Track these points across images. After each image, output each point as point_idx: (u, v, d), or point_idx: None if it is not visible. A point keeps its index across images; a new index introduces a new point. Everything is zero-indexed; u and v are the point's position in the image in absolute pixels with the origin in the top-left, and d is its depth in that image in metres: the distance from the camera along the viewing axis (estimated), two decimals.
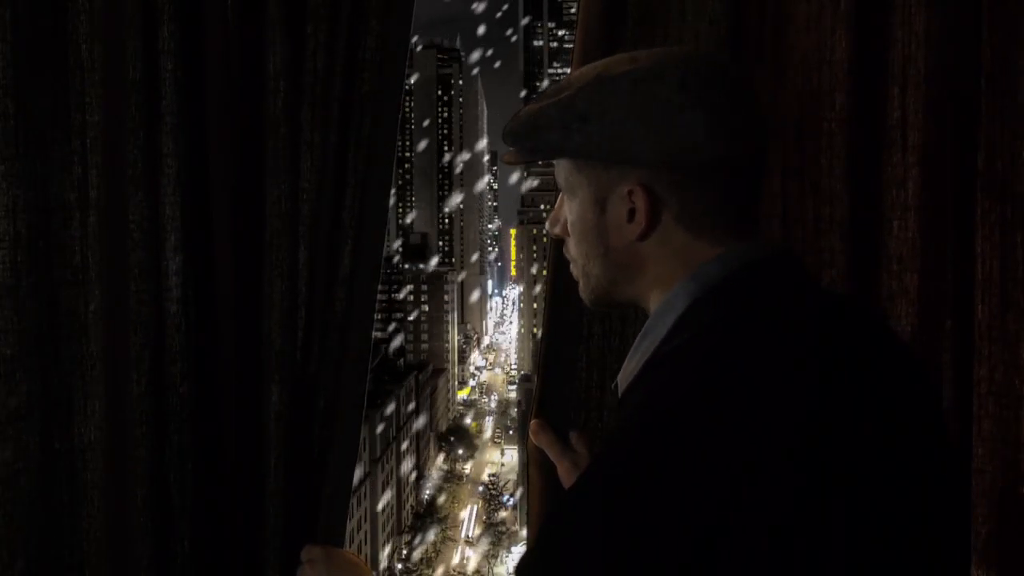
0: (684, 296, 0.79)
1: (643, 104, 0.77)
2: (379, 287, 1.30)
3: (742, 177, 0.80)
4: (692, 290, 0.79)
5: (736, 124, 0.78)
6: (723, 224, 0.80)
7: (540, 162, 0.91)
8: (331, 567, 1.16)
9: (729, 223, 0.80)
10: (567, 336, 1.31)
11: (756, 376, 0.70)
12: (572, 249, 0.89)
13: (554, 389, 1.30)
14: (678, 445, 0.67)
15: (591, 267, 0.87)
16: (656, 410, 0.71)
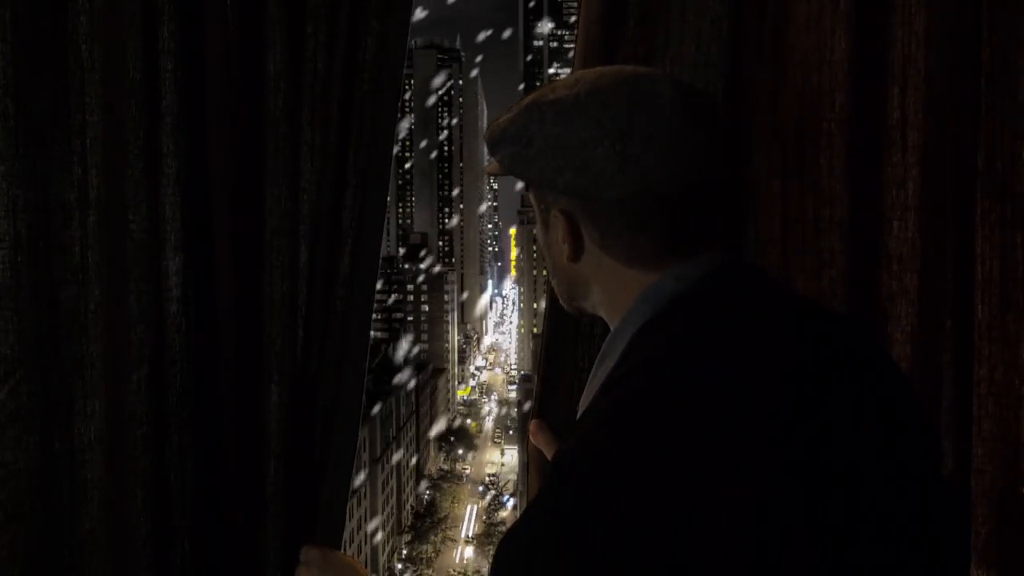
0: (634, 320, 0.79)
1: (559, 136, 0.78)
2: (378, 287, 1.30)
3: (674, 208, 0.78)
4: (642, 312, 0.79)
5: (659, 161, 0.75)
6: (658, 250, 0.79)
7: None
8: (327, 569, 1.16)
9: (668, 248, 0.79)
10: (567, 336, 1.31)
11: (714, 386, 0.69)
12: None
13: (554, 390, 1.30)
14: (654, 456, 0.66)
15: (551, 279, 0.90)
16: (622, 425, 0.69)
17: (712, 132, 0.78)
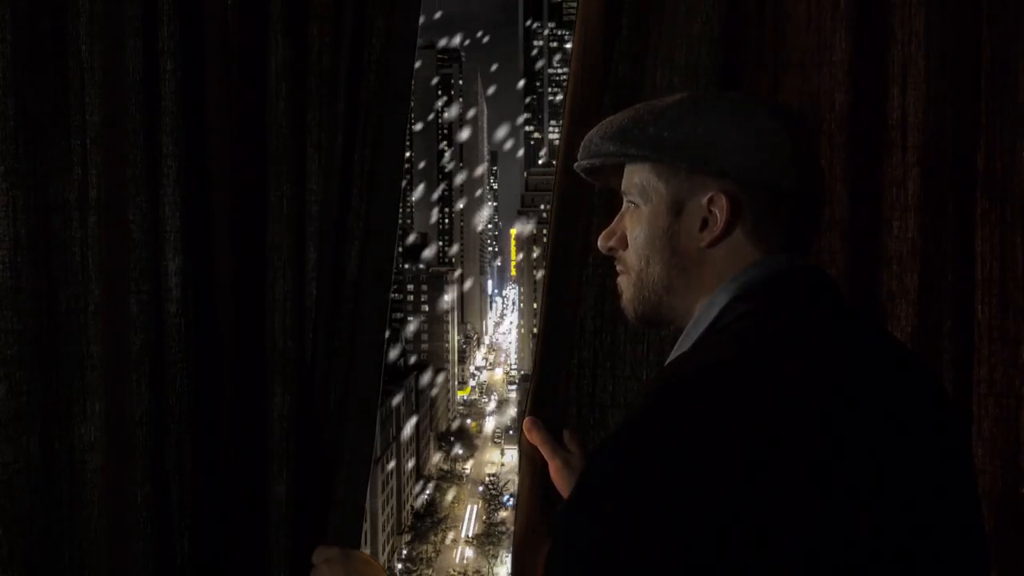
0: (725, 295, 0.85)
1: (739, 120, 0.84)
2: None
3: (808, 209, 0.87)
4: (733, 289, 0.85)
5: (810, 163, 0.86)
6: (781, 243, 0.85)
7: (596, 183, 0.99)
8: (348, 567, 1.15)
9: (786, 244, 0.86)
10: (562, 335, 1.31)
11: (789, 354, 0.74)
12: (629, 258, 0.93)
13: (549, 387, 1.30)
14: (708, 407, 0.70)
15: (650, 272, 0.90)
16: (686, 375, 0.75)
17: (819, 158, 0.92)
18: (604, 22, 1.29)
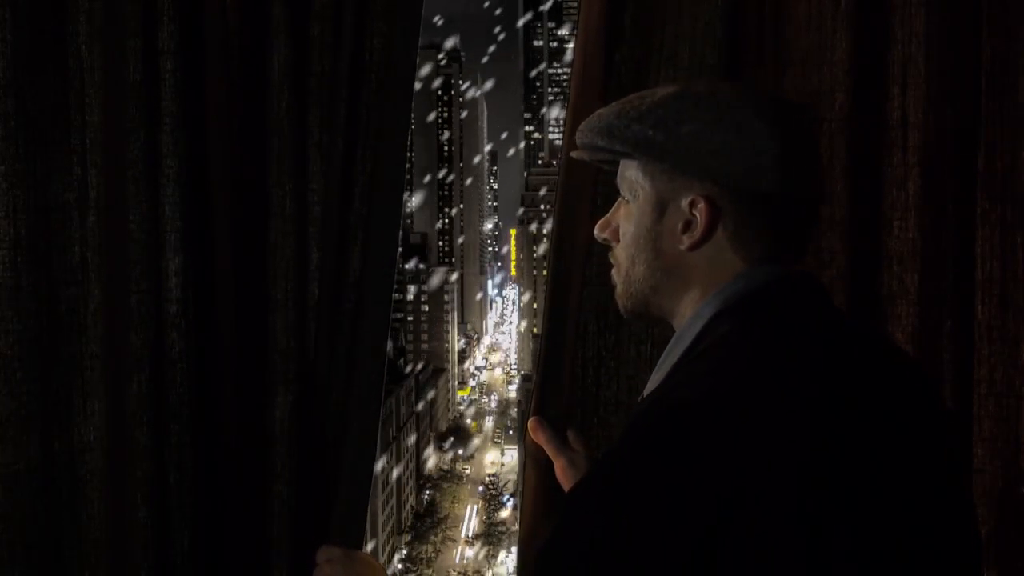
0: (709, 310, 0.83)
1: (724, 122, 0.82)
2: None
3: (797, 212, 0.84)
4: (716, 304, 0.83)
5: (802, 164, 0.83)
6: (767, 250, 0.83)
7: (606, 164, 0.95)
8: (349, 568, 1.15)
9: (772, 250, 0.84)
10: (565, 335, 1.31)
11: (766, 383, 0.73)
12: (619, 253, 0.92)
13: (553, 387, 1.30)
14: (683, 444, 0.70)
15: (635, 271, 0.90)
16: (663, 411, 0.74)
17: (820, 156, 0.88)
18: (605, 25, 1.29)
